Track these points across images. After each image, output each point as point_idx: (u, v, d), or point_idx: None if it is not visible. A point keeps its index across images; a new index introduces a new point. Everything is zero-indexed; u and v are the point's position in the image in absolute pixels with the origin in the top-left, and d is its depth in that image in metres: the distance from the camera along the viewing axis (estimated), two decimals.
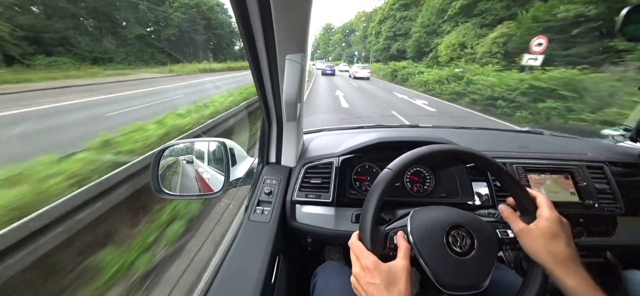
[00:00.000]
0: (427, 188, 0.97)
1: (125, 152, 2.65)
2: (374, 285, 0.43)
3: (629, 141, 1.08)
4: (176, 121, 3.77)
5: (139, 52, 24.96)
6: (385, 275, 0.44)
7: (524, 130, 1.49)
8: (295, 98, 0.69)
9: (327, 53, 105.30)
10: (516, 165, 0.92)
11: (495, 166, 0.53)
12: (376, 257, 0.46)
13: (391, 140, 0.97)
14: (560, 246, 0.44)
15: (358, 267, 0.47)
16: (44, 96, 7.86)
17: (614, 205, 0.87)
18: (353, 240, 0.51)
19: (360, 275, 0.46)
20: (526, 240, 0.47)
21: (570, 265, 0.43)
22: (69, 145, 2.90)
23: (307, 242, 1.10)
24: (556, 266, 0.43)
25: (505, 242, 0.51)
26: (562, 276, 0.42)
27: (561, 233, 0.46)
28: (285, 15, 0.51)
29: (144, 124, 3.41)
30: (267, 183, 0.89)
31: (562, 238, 0.45)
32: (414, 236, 0.49)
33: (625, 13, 0.85)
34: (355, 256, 0.49)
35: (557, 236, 0.45)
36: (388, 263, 0.45)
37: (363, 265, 0.46)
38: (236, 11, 0.51)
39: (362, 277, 0.46)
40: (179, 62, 25.16)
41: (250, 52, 0.62)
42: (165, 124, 3.47)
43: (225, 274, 0.63)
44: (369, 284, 0.44)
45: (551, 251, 0.44)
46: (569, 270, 0.43)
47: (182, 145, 1.00)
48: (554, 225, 0.46)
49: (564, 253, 0.44)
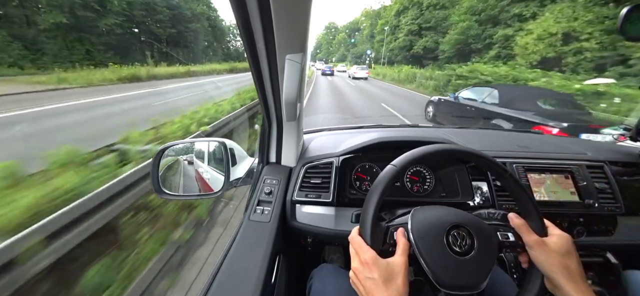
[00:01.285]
0: (427, 188, 0.97)
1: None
2: (372, 279, 0.44)
3: (630, 140, 1.08)
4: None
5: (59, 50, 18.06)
6: (383, 270, 0.44)
7: (524, 130, 1.49)
8: (295, 98, 0.69)
9: (330, 53, 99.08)
10: (516, 164, 0.92)
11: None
12: (375, 252, 0.46)
13: (391, 140, 0.97)
14: (573, 263, 0.46)
15: (357, 262, 0.48)
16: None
17: (614, 204, 0.87)
18: (353, 235, 0.52)
19: (359, 270, 0.47)
20: (540, 252, 0.48)
21: (580, 281, 0.45)
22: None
23: (307, 242, 1.10)
24: (569, 281, 0.45)
25: (506, 245, 0.51)
26: (572, 292, 0.44)
27: (573, 251, 0.48)
28: (285, 15, 0.51)
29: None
30: (267, 183, 0.89)
31: (575, 255, 0.47)
32: (414, 234, 0.49)
33: (625, 12, 0.85)
34: (354, 251, 0.50)
35: (571, 253, 0.47)
36: (387, 259, 0.46)
37: (362, 260, 0.47)
38: (236, 11, 0.51)
39: (360, 272, 0.46)
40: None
41: (250, 52, 0.62)
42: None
43: (225, 274, 0.63)
44: (367, 279, 0.45)
45: (567, 267, 0.46)
46: (580, 286, 0.44)
47: (182, 145, 1.01)
48: (568, 242, 0.48)
49: (576, 269, 0.46)
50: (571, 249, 0.48)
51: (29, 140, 4.62)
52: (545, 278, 0.48)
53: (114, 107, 7.90)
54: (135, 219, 2.20)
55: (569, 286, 0.44)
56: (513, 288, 0.73)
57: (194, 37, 34.49)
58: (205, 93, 11.50)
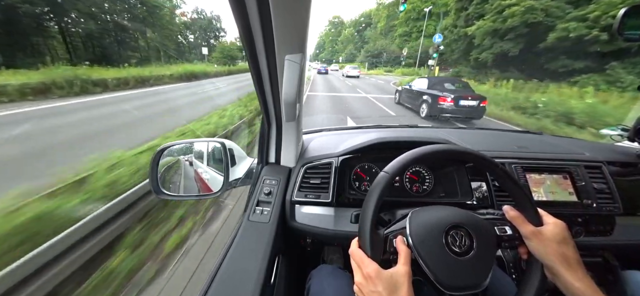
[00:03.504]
0: (427, 188, 0.97)
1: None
2: (377, 293, 0.44)
3: (627, 141, 1.09)
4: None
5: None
6: (387, 282, 0.44)
7: (523, 130, 1.50)
8: (295, 98, 0.69)
9: (335, 53, 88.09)
10: (515, 164, 0.92)
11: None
12: (377, 264, 0.46)
13: (390, 140, 0.98)
14: (570, 250, 0.47)
15: (360, 276, 0.47)
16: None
17: (613, 204, 0.87)
18: (353, 249, 0.51)
19: (363, 284, 0.46)
20: (537, 242, 0.48)
21: (578, 268, 0.46)
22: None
23: (307, 242, 1.10)
24: (566, 269, 0.45)
25: (504, 240, 0.52)
26: (570, 279, 0.45)
27: (569, 239, 0.48)
28: (285, 15, 0.51)
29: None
30: (267, 183, 0.89)
31: (571, 243, 0.48)
32: (413, 238, 0.49)
33: (622, 14, 0.85)
34: (356, 265, 0.49)
35: (567, 240, 0.48)
36: (389, 270, 0.45)
37: (365, 274, 0.46)
38: (235, 11, 0.51)
39: (364, 286, 0.46)
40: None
41: (249, 53, 0.62)
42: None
43: (224, 274, 0.62)
44: (371, 292, 0.44)
45: (563, 254, 0.46)
46: (577, 273, 0.45)
47: (182, 145, 1.00)
48: (563, 230, 0.49)
49: (573, 256, 0.46)
50: (567, 236, 0.48)
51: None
52: (545, 268, 0.48)
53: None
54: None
55: (567, 273, 0.45)
56: (512, 288, 0.73)
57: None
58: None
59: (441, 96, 6.90)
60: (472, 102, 6.79)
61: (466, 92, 7.10)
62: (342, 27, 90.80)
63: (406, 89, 9.08)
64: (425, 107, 7.52)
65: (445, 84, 7.65)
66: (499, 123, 7.88)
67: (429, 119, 7.28)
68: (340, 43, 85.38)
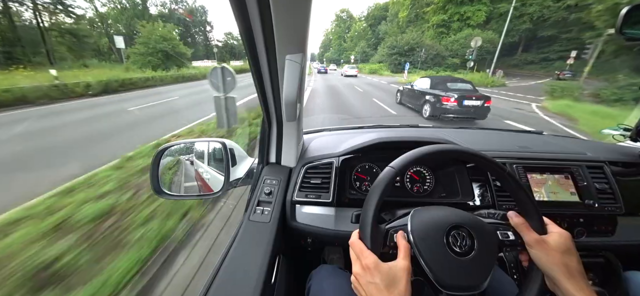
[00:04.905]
0: (427, 188, 0.97)
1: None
2: (374, 284, 0.43)
3: (629, 141, 1.08)
4: None
5: None
6: (385, 275, 0.44)
7: (524, 130, 1.49)
8: (295, 98, 0.69)
9: (342, 51, 72.63)
10: (516, 164, 0.92)
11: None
12: (376, 257, 0.46)
13: (391, 140, 0.97)
14: (573, 261, 0.46)
15: (358, 267, 0.47)
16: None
17: (614, 204, 0.87)
18: (353, 239, 0.51)
19: (361, 275, 0.46)
20: (540, 250, 0.48)
21: (580, 279, 0.45)
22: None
23: (307, 242, 1.10)
24: (569, 279, 0.45)
25: (506, 244, 0.51)
26: (572, 289, 0.44)
27: (573, 249, 0.48)
28: (285, 15, 0.51)
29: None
30: (267, 183, 0.88)
31: (575, 253, 0.47)
32: (414, 236, 0.49)
33: (625, 13, 0.85)
34: (355, 255, 0.49)
35: (571, 251, 0.47)
36: (388, 263, 0.45)
37: (363, 265, 0.46)
38: (236, 11, 0.51)
39: (362, 276, 0.46)
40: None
41: (250, 52, 0.62)
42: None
43: (225, 274, 0.62)
44: (369, 284, 0.44)
45: (566, 265, 0.45)
46: (580, 284, 0.44)
47: (182, 145, 1.00)
48: (568, 240, 0.48)
49: (576, 267, 0.46)
50: (571, 247, 0.47)
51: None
52: (546, 277, 0.47)
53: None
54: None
55: (569, 284, 0.44)
56: (513, 288, 0.73)
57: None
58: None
59: (444, 96, 6.73)
60: (476, 102, 6.61)
61: (470, 92, 6.94)
62: (351, 21, 76.58)
63: (408, 89, 8.83)
64: (428, 107, 7.35)
65: (448, 83, 7.49)
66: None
67: (430, 119, 7.20)
68: (349, 40, 71.26)
